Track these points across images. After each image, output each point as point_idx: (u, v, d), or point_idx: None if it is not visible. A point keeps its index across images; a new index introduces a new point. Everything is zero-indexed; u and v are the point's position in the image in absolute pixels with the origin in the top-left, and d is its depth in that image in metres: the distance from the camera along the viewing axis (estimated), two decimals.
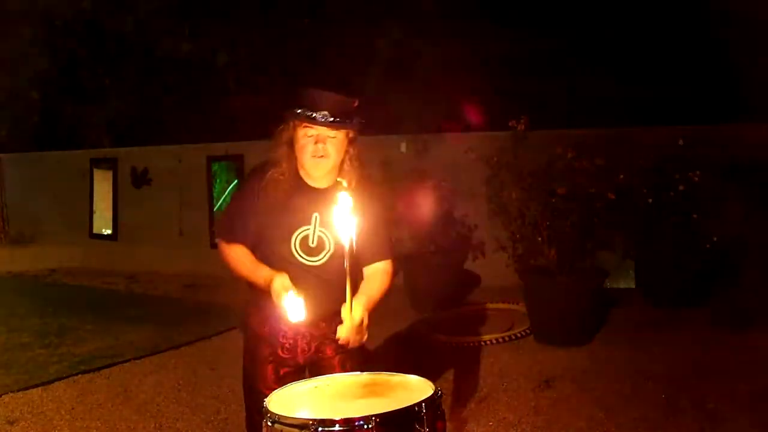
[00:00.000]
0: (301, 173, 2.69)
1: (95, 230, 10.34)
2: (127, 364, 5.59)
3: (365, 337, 2.55)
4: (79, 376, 5.32)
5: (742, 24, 7.19)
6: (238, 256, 2.70)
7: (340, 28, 9.52)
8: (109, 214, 10.19)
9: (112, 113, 11.04)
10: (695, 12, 7.86)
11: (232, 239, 2.73)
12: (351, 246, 2.42)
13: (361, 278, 2.71)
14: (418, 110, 7.81)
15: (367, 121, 2.68)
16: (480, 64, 8.49)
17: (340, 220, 2.42)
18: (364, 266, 2.72)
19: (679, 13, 8.05)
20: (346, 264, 2.43)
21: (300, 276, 2.60)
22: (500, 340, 5.67)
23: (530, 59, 8.32)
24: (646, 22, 8.21)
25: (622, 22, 8.24)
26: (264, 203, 2.65)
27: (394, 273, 2.79)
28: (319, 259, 2.67)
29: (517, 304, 6.29)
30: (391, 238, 2.87)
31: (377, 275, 2.72)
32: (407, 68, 9.00)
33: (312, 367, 2.73)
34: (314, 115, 2.55)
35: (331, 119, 2.55)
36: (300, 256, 2.66)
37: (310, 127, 2.58)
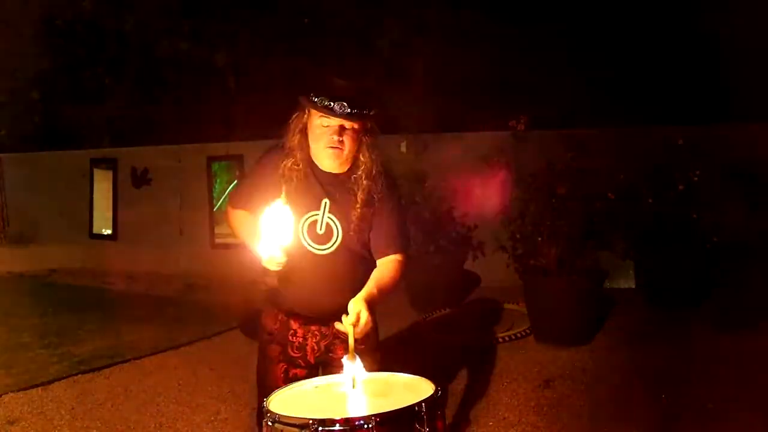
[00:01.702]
0: (314, 159, 2.61)
1: (95, 230, 10.35)
2: (127, 364, 5.59)
3: (368, 327, 2.40)
4: (79, 376, 5.32)
5: (742, 24, 7.20)
6: (240, 219, 2.70)
7: (340, 28, 9.53)
8: (109, 214, 10.20)
9: (112, 113, 11.04)
10: (695, 12, 7.86)
11: (238, 206, 2.72)
12: None
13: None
14: (418, 110, 7.81)
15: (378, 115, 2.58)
16: (480, 64, 8.49)
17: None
18: (377, 258, 2.65)
19: (679, 13, 8.05)
20: None
21: (309, 266, 2.54)
22: (500, 340, 5.67)
23: (530, 59, 8.32)
24: (646, 22, 8.21)
25: (622, 21, 8.24)
26: (277, 183, 2.56)
27: (407, 264, 2.69)
28: (328, 248, 2.59)
29: (518, 304, 6.30)
30: (407, 230, 2.76)
31: (388, 264, 2.63)
32: (407, 68, 9.00)
33: (324, 367, 2.67)
34: (333, 105, 2.43)
35: (349, 110, 2.44)
36: (308, 243, 2.57)
37: (327, 117, 2.48)
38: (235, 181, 9.14)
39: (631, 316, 6.17)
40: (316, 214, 2.58)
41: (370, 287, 2.49)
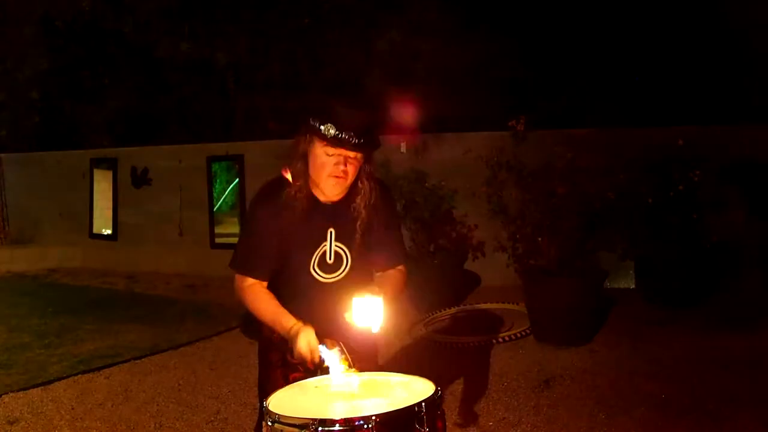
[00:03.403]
0: (313, 189, 2.56)
1: (95, 230, 10.35)
2: (127, 364, 5.59)
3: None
4: (79, 376, 5.32)
5: (743, 24, 7.20)
6: (259, 300, 2.57)
7: (340, 28, 9.53)
8: (109, 214, 10.20)
9: (112, 113, 11.04)
10: (695, 12, 7.87)
11: (248, 273, 2.59)
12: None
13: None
14: (418, 110, 7.81)
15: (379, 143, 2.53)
16: (480, 64, 8.50)
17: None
18: (377, 272, 2.65)
19: (679, 13, 8.05)
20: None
21: (317, 294, 2.52)
22: (500, 340, 5.67)
23: (530, 59, 8.32)
24: (646, 22, 8.21)
25: (622, 21, 8.24)
26: (281, 226, 2.52)
27: (408, 275, 2.70)
28: (337, 276, 2.58)
29: (517, 304, 6.30)
30: (404, 243, 2.76)
31: (391, 275, 2.64)
32: (407, 68, 9.00)
33: (323, 373, 2.60)
34: (341, 135, 2.37)
35: (356, 141, 2.38)
36: (318, 274, 2.55)
37: (332, 146, 2.42)
38: (232, 185, 9.16)
39: (631, 316, 6.16)
40: (324, 245, 2.55)
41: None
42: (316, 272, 2.55)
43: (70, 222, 10.47)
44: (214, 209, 9.29)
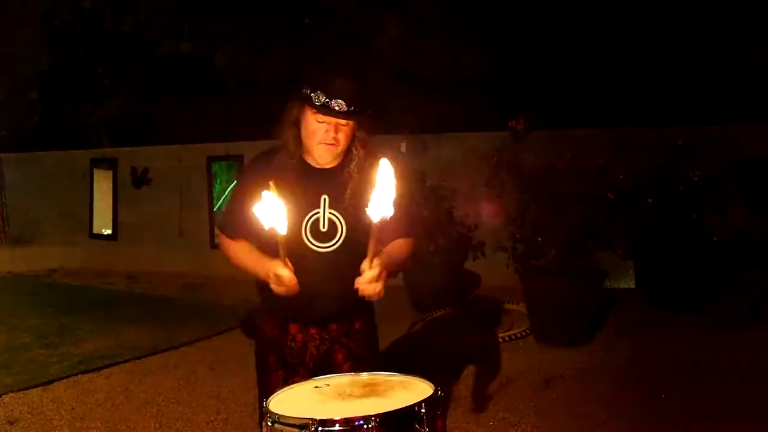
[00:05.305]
0: (306, 156, 2.56)
1: (95, 230, 10.35)
2: (127, 364, 5.60)
3: (380, 292, 2.36)
4: (79, 376, 5.32)
5: (743, 24, 7.20)
6: (239, 251, 2.60)
7: (340, 28, 9.52)
8: (109, 214, 10.20)
9: (112, 113, 11.04)
10: (695, 11, 7.86)
11: (233, 235, 2.62)
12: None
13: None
14: (418, 110, 7.81)
15: (374, 112, 2.54)
16: (480, 64, 8.49)
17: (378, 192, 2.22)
18: (384, 245, 2.57)
19: (679, 13, 8.05)
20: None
21: (312, 266, 2.47)
22: (500, 340, 5.67)
23: (530, 59, 8.32)
24: (647, 22, 8.21)
25: (622, 21, 8.24)
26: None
27: (415, 245, 2.64)
28: (332, 245, 2.53)
29: (517, 304, 6.30)
30: (412, 215, 2.71)
31: (399, 241, 2.59)
32: (407, 68, 9.00)
33: (322, 372, 2.57)
34: (330, 103, 2.39)
35: (347, 108, 2.40)
36: (311, 242, 2.52)
37: (322, 113, 2.44)
38: (232, 185, 9.15)
39: (631, 316, 6.17)
40: (317, 212, 2.54)
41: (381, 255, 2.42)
42: (309, 240, 2.52)
43: (70, 222, 10.47)
44: (214, 209, 9.29)
